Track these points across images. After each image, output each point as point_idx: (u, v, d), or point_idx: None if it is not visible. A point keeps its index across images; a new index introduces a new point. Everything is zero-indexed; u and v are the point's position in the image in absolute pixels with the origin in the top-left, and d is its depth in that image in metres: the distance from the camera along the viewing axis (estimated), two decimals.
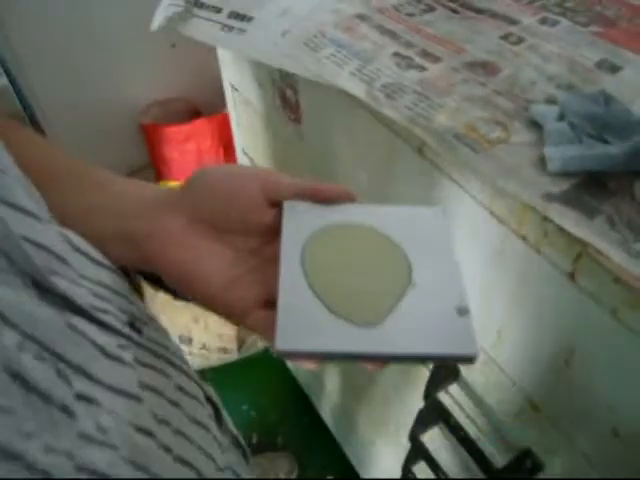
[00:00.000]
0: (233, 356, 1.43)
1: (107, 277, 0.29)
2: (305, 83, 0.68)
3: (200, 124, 1.45)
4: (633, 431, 0.42)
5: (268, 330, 0.32)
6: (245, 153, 1.05)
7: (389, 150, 0.55)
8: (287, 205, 0.36)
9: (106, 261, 0.31)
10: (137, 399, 0.24)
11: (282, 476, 1.25)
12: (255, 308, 0.34)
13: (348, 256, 0.35)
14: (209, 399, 0.37)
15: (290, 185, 0.36)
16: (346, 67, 0.56)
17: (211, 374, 1.42)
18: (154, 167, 1.59)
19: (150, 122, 1.51)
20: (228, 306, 0.34)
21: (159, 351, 0.30)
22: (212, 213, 0.35)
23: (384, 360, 0.31)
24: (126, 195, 0.36)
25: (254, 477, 0.43)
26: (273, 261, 0.34)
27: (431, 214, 0.37)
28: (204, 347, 1.44)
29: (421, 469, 0.79)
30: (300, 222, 0.36)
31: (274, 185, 0.36)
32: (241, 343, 1.40)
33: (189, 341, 1.42)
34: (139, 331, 0.29)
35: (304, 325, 0.31)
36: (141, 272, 1.47)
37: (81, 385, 0.21)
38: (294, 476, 1.28)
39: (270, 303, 0.34)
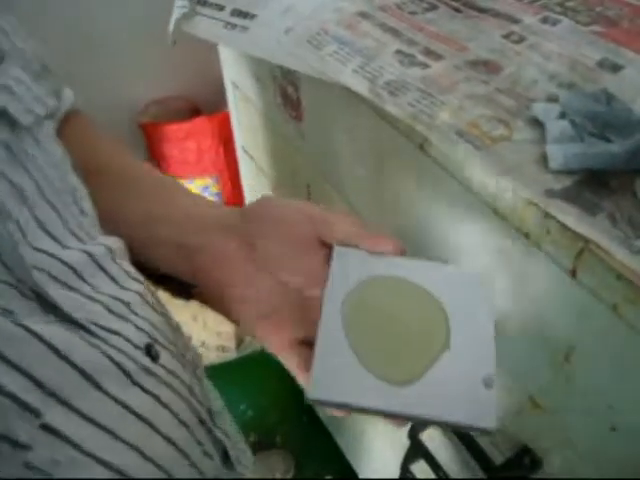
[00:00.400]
0: (232, 354, 1.43)
1: (131, 296, 0.29)
2: (307, 80, 0.68)
3: (200, 122, 1.45)
4: (631, 428, 0.42)
5: (300, 370, 0.34)
6: (245, 151, 1.05)
7: (391, 147, 0.55)
8: (337, 250, 0.37)
9: (138, 275, 0.32)
10: (114, 435, 0.24)
11: (278, 475, 1.25)
12: (289, 345, 0.35)
13: (390, 310, 0.35)
14: (218, 441, 0.36)
15: (343, 231, 0.36)
16: (349, 64, 0.56)
17: (210, 372, 1.42)
18: (155, 165, 1.60)
19: (149, 121, 1.51)
20: (264, 335, 0.35)
21: (172, 383, 0.30)
22: (264, 243, 0.36)
23: (408, 419, 0.33)
24: (191, 210, 0.38)
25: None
26: (314, 302, 0.35)
27: (476, 278, 0.37)
28: (203, 345, 1.44)
29: (420, 468, 0.79)
30: (348, 270, 0.37)
31: (328, 227, 0.36)
32: (240, 341, 1.40)
33: (188, 339, 1.42)
34: (154, 357, 0.29)
35: (338, 377, 0.32)
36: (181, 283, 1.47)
37: (52, 416, 0.21)
38: (290, 475, 1.28)
39: (305, 343, 0.35)
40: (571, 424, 0.49)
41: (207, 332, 1.40)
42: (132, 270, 0.32)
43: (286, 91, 0.77)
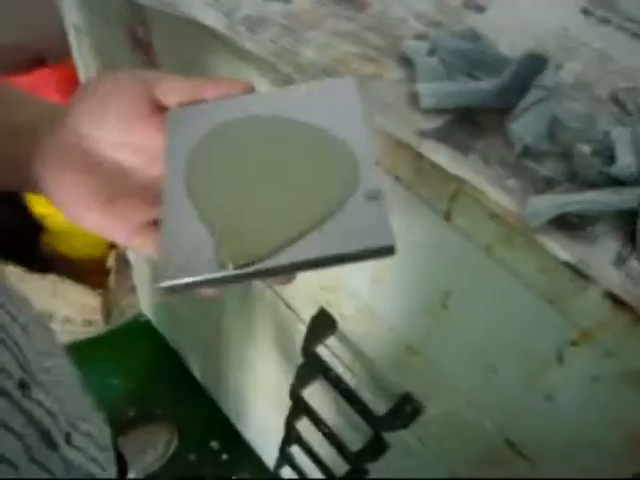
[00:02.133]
0: (100, 328, 1.33)
1: None
2: (157, 18, 0.60)
3: (43, 74, 1.29)
4: (510, 368, 0.42)
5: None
6: None
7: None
8: (172, 113, 0.31)
9: None
10: None
11: (160, 447, 1.20)
12: (140, 230, 0.30)
13: (247, 161, 0.30)
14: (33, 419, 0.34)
15: (179, 86, 0.31)
16: None
17: (76, 348, 1.31)
18: None
19: None
20: (108, 224, 0.30)
21: None
22: (96, 128, 0.31)
23: (292, 271, 0.27)
24: (20, 112, 0.34)
25: None
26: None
27: (341, 85, 0.32)
28: (67, 321, 1.32)
29: (305, 425, 0.78)
30: (187, 129, 0.31)
31: (163, 87, 0.31)
32: (107, 314, 1.30)
33: (50, 317, 1.29)
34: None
35: (191, 253, 0.27)
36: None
37: None
38: (174, 445, 1.23)
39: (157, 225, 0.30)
40: (450, 369, 0.49)
41: (70, 307, 1.28)
42: None
43: (136, 33, 0.68)
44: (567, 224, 0.36)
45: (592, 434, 0.39)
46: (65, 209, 0.31)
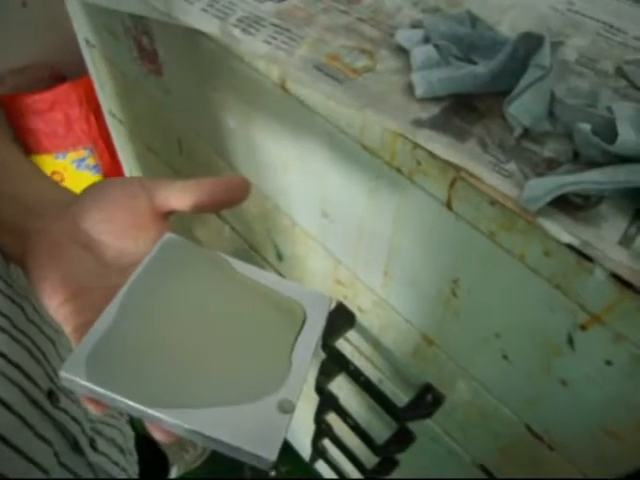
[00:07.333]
0: None
1: None
2: (160, 28, 0.61)
3: (64, 90, 1.32)
4: (520, 353, 0.42)
5: None
6: (113, 115, 0.96)
7: (252, 91, 0.50)
8: (167, 236, 0.33)
9: None
10: None
11: (200, 446, 1.22)
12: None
13: (201, 313, 0.31)
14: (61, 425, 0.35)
15: (178, 187, 0.33)
16: (196, 2, 0.50)
17: None
18: (20, 140, 1.44)
19: (7, 93, 1.36)
20: (64, 318, 0.30)
21: None
22: (92, 224, 0.32)
23: (178, 433, 0.27)
24: (35, 191, 0.35)
25: None
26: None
27: (316, 300, 0.33)
28: None
29: (334, 418, 0.79)
30: (170, 255, 0.32)
31: (162, 192, 0.33)
32: None
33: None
34: None
35: (104, 360, 0.28)
36: None
37: None
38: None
39: None
40: (466, 357, 0.48)
41: None
42: None
43: (141, 43, 0.69)
44: (570, 206, 0.35)
45: (609, 419, 0.38)
46: (35, 292, 0.32)
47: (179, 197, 0.33)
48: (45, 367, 0.36)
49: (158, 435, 0.28)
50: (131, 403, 0.27)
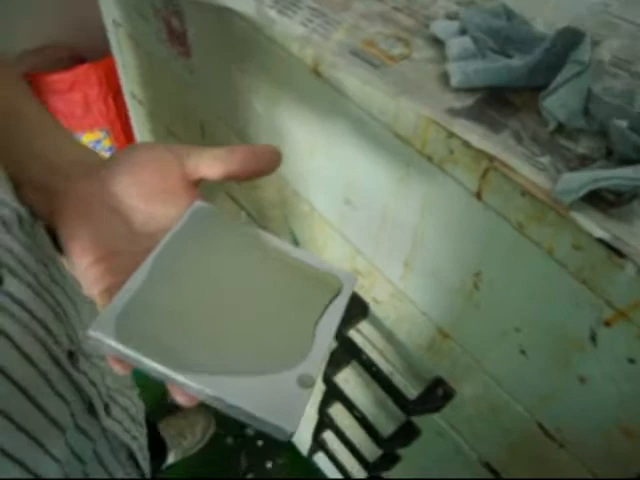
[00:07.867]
0: None
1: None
2: (191, 9, 0.61)
3: (85, 70, 1.32)
4: (539, 348, 0.42)
5: None
6: (134, 96, 0.96)
7: (284, 74, 0.50)
8: (195, 206, 0.33)
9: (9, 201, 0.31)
10: None
11: (198, 432, 1.23)
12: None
13: (229, 281, 0.31)
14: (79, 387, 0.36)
15: (209, 156, 0.33)
16: None
17: None
18: None
19: (27, 71, 1.36)
20: (96, 279, 0.30)
21: (17, 314, 0.28)
22: (122, 189, 0.32)
23: (200, 398, 0.28)
24: (64, 152, 0.35)
25: None
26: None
27: (342, 276, 0.33)
28: None
29: (337, 410, 0.79)
30: (199, 224, 0.32)
31: (193, 159, 0.33)
32: None
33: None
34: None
35: (133, 322, 0.28)
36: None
37: None
38: (211, 431, 1.26)
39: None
40: (482, 351, 0.48)
41: None
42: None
43: (171, 24, 0.69)
44: (603, 201, 0.35)
45: (626, 417, 0.38)
46: (65, 250, 0.32)
47: (209, 165, 0.33)
48: (67, 327, 0.36)
49: (180, 399, 0.28)
50: (157, 366, 0.27)
